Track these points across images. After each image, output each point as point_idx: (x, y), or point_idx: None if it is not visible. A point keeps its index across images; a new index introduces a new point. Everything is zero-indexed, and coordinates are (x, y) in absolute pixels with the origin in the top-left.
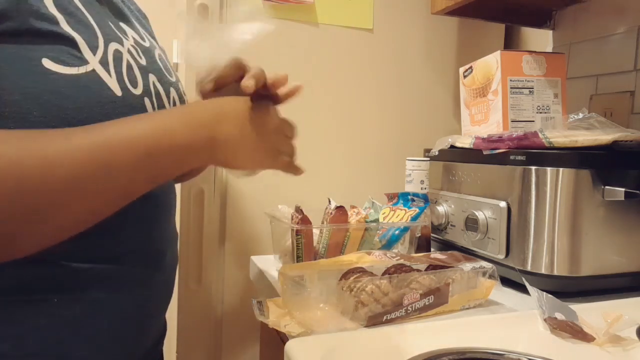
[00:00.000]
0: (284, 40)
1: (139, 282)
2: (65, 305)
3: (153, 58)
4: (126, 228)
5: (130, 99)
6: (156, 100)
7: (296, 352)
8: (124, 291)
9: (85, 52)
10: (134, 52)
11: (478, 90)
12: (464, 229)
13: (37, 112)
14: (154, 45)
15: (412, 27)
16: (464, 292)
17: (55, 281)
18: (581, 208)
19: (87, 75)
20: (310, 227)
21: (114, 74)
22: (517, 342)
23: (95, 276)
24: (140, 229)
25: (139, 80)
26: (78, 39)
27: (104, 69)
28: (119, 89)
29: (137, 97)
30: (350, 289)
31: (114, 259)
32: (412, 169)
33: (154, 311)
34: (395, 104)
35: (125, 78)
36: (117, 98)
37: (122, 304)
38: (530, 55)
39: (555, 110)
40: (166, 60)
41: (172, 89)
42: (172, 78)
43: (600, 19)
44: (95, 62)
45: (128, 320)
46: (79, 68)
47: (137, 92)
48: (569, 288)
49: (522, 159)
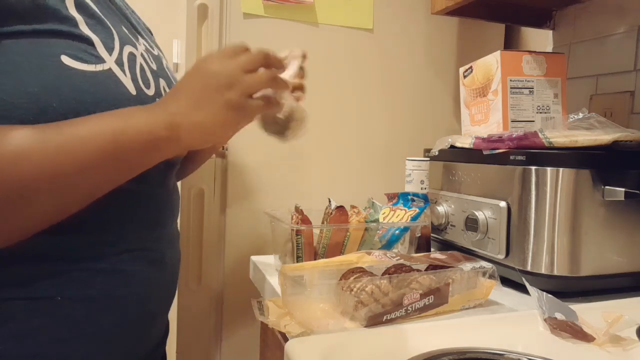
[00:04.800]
0: (284, 40)
1: (140, 281)
2: (67, 304)
3: (162, 65)
4: (128, 227)
5: (144, 98)
6: None
7: (296, 352)
8: (126, 291)
9: (101, 51)
10: (146, 57)
11: (478, 90)
12: (464, 229)
13: (56, 104)
14: (162, 55)
15: (412, 27)
16: (464, 292)
17: (56, 280)
18: (581, 208)
19: (104, 72)
20: (310, 227)
21: (129, 74)
22: (517, 342)
23: (96, 275)
24: (143, 229)
25: (151, 82)
26: (95, 39)
27: (119, 68)
28: (133, 88)
29: (150, 97)
30: (350, 289)
31: (116, 258)
32: (412, 169)
33: (157, 311)
34: (395, 104)
35: (139, 78)
36: (132, 96)
37: (124, 303)
38: (530, 55)
39: (555, 110)
40: (172, 70)
41: None
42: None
43: (600, 19)
44: (112, 61)
45: (129, 320)
46: (96, 65)
47: (150, 93)
48: (569, 288)
49: (522, 159)
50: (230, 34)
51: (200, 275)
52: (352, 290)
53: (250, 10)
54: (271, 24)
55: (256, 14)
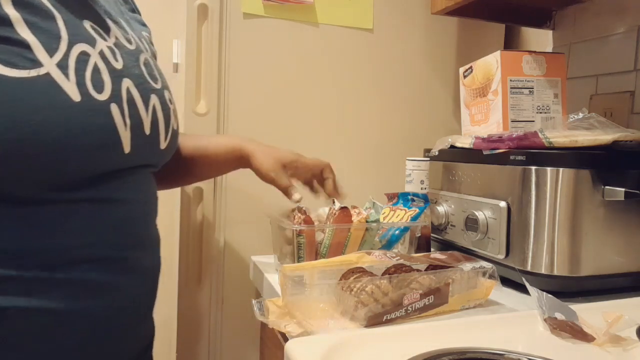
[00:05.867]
0: (284, 40)
1: (107, 291)
2: (22, 317)
3: (135, 62)
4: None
5: (91, 104)
6: (127, 107)
7: (296, 352)
8: (89, 301)
9: (40, 54)
10: (108, 55)
11: (478, 90)
12: (464, 229)
13: None
14: (141, 48)
15: (412, 27)
16: (464, 292)
17: (7, 292)
18: (581, 208)
19: (40, 78)
20: (311, 228)
21: (74, 77)
22: (517, 342)
23: (54, 285)
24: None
25: (106, 85)
26: (32, 41)
27: (61, 72)
28: (77, 94)
29: (100, 102)
30: (350, 289)
31: (76, 265)
32: (412, 169)
33: (131, 321)
34: (395, 104)
35: (89, 82)
36: (74, 103)
37: (90, 315)
38: (530, 55)
39: (555, 110)
40: (153, 66)
41: (153, 95)
42: (157, 84)
43: (600, 19)
44: (52, 64)
45: (97, 332)
46: (30, 71)
47: (101, 98)
48: (569, 288)
49: (522, 159)
50: (230, 34)
51: (200, 275)
52: (352, 290)
53: (250, 10)
54: (271, 24)
55: (256, 14)
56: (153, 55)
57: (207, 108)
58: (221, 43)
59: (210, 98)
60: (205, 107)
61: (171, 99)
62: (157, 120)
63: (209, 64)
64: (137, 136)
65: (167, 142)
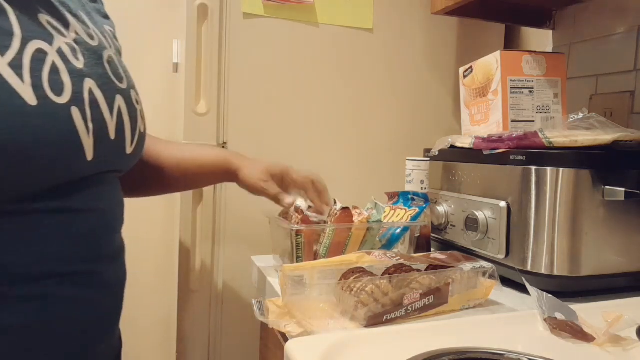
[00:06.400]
0: (284, 40)
1: (70, 307)
2: None
3: (98, 60)
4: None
5: (49, 108)
6: (90, 110)
7: (296, 352)
8: (51, 317)
9: None
10: (67, 53)
11: (478, 90)
12: (464, 229)
13: None
14: (104, 44)
15: (412, 27)
16: (464, 292)
17: None
18: (581, 208)
19: None
20: (310, 227)
21: (29, 79)
22: (517, 342)
23: (13, 301)
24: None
25: (66, 87)
26: None
27: (14, 73)
28: (33, 98)
29: (59, 106)
30: (350, 289)
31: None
32: (412, 169)
33: (96, 336)
34: (395, 104)
35: (46, 84)
36: (30, 108)
37: (49, 331)
38: (530, 55)
39: (555, 110)
40: (118, 63)
41: (118, 96)
42: (122, 84)
43: (600, 19)
44: (3, 64)
45: (59, 349)
46: None
47: (60, 101)
48: (569, 288)
49: (522, 159)
50: (230, 34)
51: (200, 275)
52: (352, 290)
53: (250, 10)
54: (271, 24)
55: (256, 14)
56: (118, 52)
57: (207, 108)
58: (221, 43)
59: (210, 98)
60: (205, 107)
61: (138, 99)
62: (123, 123)
63: (209, 64)
64: (101, 142)
65: (134, 146)
